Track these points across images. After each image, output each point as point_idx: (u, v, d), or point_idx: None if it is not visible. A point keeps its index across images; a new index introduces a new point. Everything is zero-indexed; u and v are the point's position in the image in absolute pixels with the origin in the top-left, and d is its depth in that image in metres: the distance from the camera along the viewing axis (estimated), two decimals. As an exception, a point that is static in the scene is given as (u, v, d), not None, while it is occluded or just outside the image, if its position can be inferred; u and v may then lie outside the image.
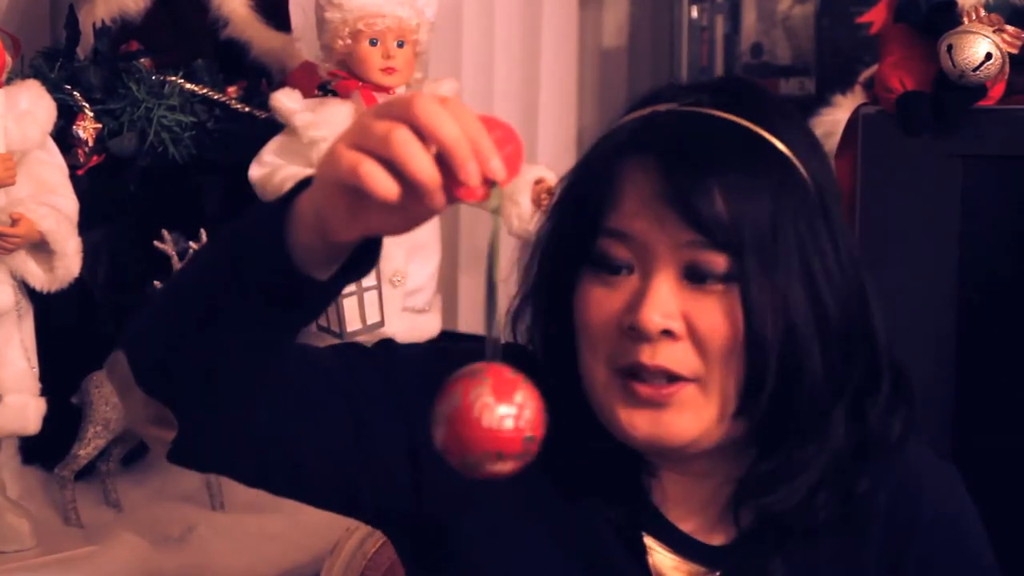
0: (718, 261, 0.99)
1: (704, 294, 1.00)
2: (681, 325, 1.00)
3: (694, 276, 1.00)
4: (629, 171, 1.01)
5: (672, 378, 1.01)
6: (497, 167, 0.82)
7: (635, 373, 1.01)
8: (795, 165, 1.01)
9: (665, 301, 0.99)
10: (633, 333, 1.00)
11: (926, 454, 1.15)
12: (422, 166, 0.81)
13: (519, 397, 0.84)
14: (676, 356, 1.00)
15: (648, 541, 1.08)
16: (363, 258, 0.90)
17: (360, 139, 0.83)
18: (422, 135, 0.82)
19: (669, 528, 1.08)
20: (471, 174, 0.81)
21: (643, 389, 1.01)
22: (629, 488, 1.07)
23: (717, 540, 1.09)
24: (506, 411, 0.83)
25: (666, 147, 1.00)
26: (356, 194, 0.83)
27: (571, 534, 1.08)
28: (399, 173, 0.82)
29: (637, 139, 1.02)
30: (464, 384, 0.84)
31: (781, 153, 1.01)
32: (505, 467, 0.85)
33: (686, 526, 1.09)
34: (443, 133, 0.81)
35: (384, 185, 0.82)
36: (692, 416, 1.02)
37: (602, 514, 1.07)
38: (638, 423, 1.02)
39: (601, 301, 1.02)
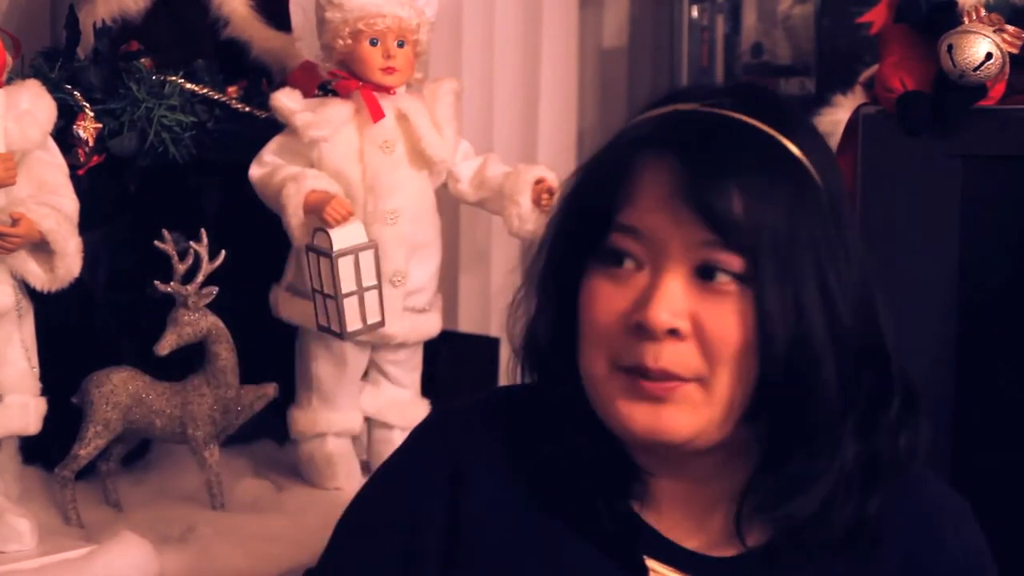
0: (732, 261, 0.99)
1: (714, 295, 1.00)
2: (688, 325, 0.99)
3: (706, 274, 1.00)
4: (646, 167, 1.01)
5: (674, 377, 1.00)
6: None
7: (638, 372, 1.01)
8: (811, 172, 1.01)
9: (674, 299, 0.99)
10: (639, 331, 1.00)
11: (944, 487, 1.14)
12: None
13: None
14: (680, 358, 1.00)
15: (650, 563, 1.07)
16: None
17: None
18: None
19: (669, 546, 1.07)
20: None
21: (646, 385, 1.00)
22: (623, 510, 1.07)
23: (722, 552, 1.08)
24: None
25: (686, 145, 1.00)
26: None
27: (566, 566, 1.07)
28: None
29: (656, 136, 1.02)
30: None
31: (798, 160, 1.01)
32: None
33: (688, 542, 1.08)
34: None
35: None
36: (691, 413, 1.01)
37: (596, 541, 1.07)
38: (637, 416, 1.02)
39: (608, 297, 1.02)
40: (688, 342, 1.00)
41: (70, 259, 1.81)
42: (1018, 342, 1.88)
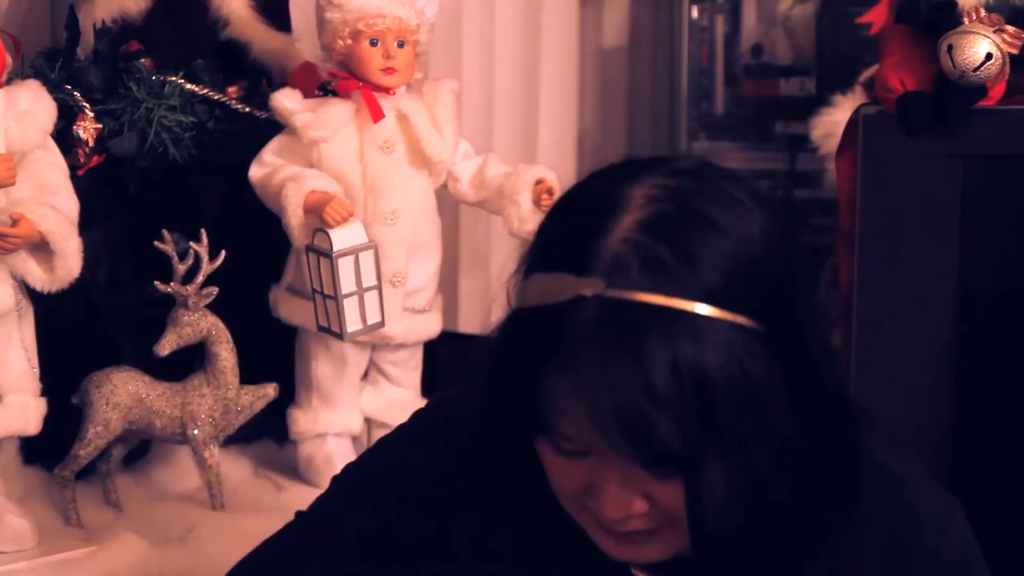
0: (667, 471, 0.96)
1: (660, 479, 0.97)
2: (644, 502, 0.98)
3: (648, 470, 0.96)
4: (557, 389, 0.94)
5: (646, 531, 1.00)
6: None
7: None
8: (737, 325, 0.93)
9: (624, 494, 0.97)
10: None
11: (931, 487, 1.12)
12: None
13: None
14: (646, 521, 0.99)
15: (636, 572, 1.08)
16: None
17: None
18: None
19: None
20: None
21: (620, 531, 1.00)
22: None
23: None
24: None
25: (598, 386, 0.92)
26: None
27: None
28: None
29: (563, 358, 0.93)
30: None
31: (717, 322, 0.93)
32: None
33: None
34: None
35: None
36: (667, 545, 1.02)
37: (584, 550, 1.07)
38: (616, 552, 1.02)
39: (561, 470, 1.00)
40: (649, 511, 0.99)
41: (70, 259, 1.81)
42: (1018, 342, 1.88)
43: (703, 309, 0.92)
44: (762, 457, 0.95)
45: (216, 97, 2.11)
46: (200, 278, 1.92)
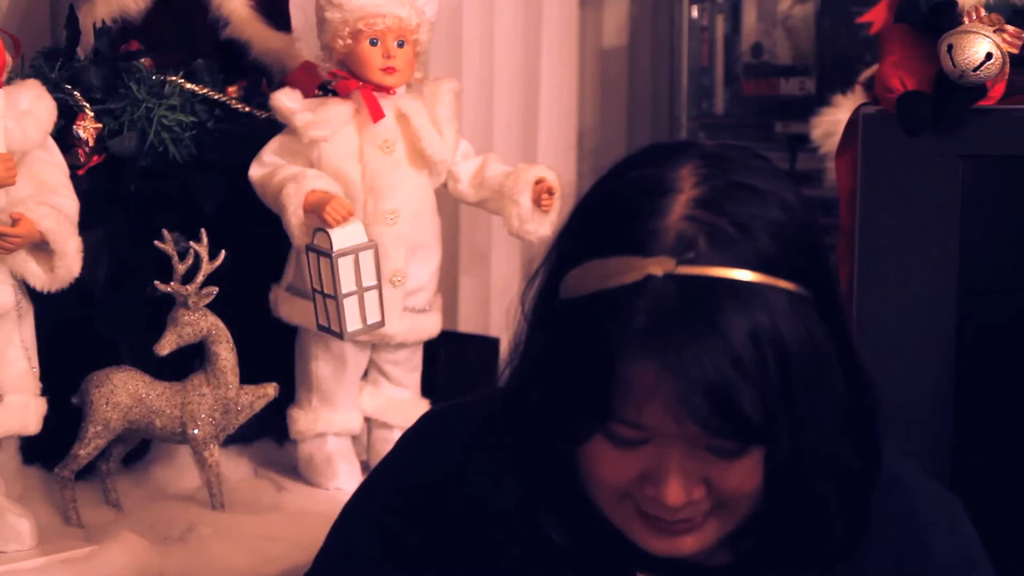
0: (736, 445, 0.97)
1: (724, 457, 0.97)
2: (703, 488, 0.98)
3: (714, 451, 0.97)
4: (636, 371, 0.94)
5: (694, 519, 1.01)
6: None
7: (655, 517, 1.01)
8: (795, 293, 0.95)
9: (687, 477, 0.97)
10: (654, 498, 0.99)
11: (930, 487, 1.13)
12: None
13: None
14: (699, 508, 1.00)
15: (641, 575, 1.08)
16: None
17: None
18: None
19: (663, 558, 1.07)
20: None
21: (663, 522, 1.00)
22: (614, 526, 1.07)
23: (716, 559, 1.08)
24: None
25: (675, 361, 0.92)
26: None
27: None
28: None
29: (639, 339, 0.94)
30: None
31: (781, 291, 0.95)
32: None
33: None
34: None
35: None
36: (710, 535, 1.02)
37: (588, 554, 1.06)
38: (656, 546, 1.02)
39: (613, 463, 0.99)
40: (705, 496, 0.99)
41: (70, 259, 1.81)
42: (1019, 342, 1.88)
43: (765, 278, 0.95)
44: (830, 423, 0.97)
45: (216, 97, 2.11)
46: (200, 278, 1.92)
